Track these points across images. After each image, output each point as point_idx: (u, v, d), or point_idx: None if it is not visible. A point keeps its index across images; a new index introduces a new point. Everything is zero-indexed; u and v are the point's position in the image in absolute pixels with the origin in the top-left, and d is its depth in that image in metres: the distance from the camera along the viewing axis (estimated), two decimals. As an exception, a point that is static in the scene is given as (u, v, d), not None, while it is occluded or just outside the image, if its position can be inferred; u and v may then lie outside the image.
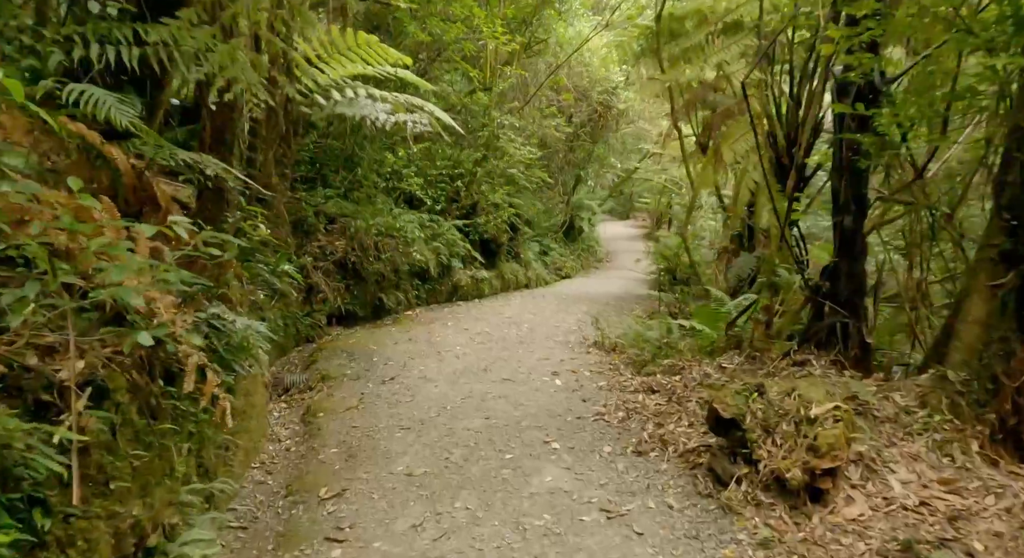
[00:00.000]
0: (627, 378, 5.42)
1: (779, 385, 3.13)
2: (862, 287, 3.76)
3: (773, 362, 4.26)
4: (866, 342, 3.75)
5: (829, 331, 3.82)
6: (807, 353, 3.87)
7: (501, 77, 9.88)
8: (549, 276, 12.28)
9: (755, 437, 2.93)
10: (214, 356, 3.16)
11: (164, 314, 2.62)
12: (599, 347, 6.81)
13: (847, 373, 3.59)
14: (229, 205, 4.31)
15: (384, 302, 8.39)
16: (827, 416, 2.79)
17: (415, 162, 9.86)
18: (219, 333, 3.28)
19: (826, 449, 2.69)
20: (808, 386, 3.07)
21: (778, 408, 2.97)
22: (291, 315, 7.21)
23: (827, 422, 2.78)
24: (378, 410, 4.87)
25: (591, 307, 9.29)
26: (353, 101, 6.90)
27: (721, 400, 3.09)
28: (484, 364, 6.09)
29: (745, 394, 3.09)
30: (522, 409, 4.76)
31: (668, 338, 5.74)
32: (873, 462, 2.82)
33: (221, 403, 2.81)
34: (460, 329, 7.67)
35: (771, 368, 3.91)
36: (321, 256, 7.87)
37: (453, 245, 9.52)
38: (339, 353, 6.64)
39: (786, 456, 2.80)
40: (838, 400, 2.95)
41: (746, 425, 2.98)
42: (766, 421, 2.95)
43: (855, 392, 3.18)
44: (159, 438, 2.42)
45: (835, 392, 3.04)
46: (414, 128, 6.73)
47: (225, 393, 2.96)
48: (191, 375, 2.66)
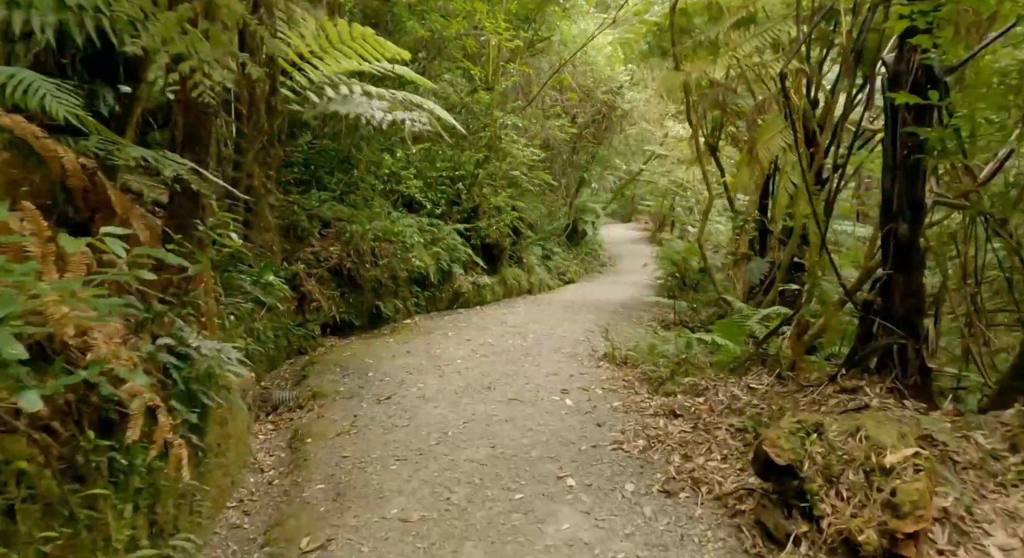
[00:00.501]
0: (644, 398, 4.90)
1: (839, 422, 2.63)
2: (920, 304, 3.27)
3: (813, 387, 3.76)
4: (927, 367, 3.26)
5: (884, 354, 3.32)
6: (857, 379, 3.37)
7: (504, 75, 9.37)
8: (552, 281, 11.77)
9: (816, 488, 2.43)
10: (174, 390, 2.65)
11: (102, 347, 2.10)
12: (610, 360, 6.30)
13: (907, 404, 3.09)
14: (205, 210, 3.79)
15: (381, 310, 7.88)
16: (906, 465, 2.29)
17: (414, 164, 9.35)
18: (183, 361, 2.77)
19: (908, 508, 2.19)
20: (875, 425, 2.57)
21: (842, 452, 2.47)
22: (282, 326, 6.70)
23: (906, 472, 2.28)
24: (372, 436, 4.35)
25: (598, 315, 8.78)
26: (348, 98, 6.39)
27: (773, 442, 2.59)
28: (488, 380, 5.58)
29: (801, 435, 2.59)
30: (531, 435, 4.25)
31: (687, 353, 5.22)
32: (962, 522, 2.32)
33: (176, 452, 2.29)
34: (461, 340, 7.15)
35: (815, 395, 3.42)
36: (315, 263, 7.36)
37: (454, 250, 9.02)
38: (332, 368, 6.12)
39: (856, 513, 2.30)
40: (912, 442, 2.44)
41: (804, 472, 2.48)
42: (828, 468, 2.45)
43: (927, 430, 2.68)
44: (88, 505, 1.91)
45: (907, 432, 2.54)
46: (412, 127, 6.22)
47: (182, 437, 2.45)
48: (137, 420, 2.14)
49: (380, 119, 6.08)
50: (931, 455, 2.43)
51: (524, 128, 10.82)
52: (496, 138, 9.76)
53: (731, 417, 4.00)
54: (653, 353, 5.78)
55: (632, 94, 12.91)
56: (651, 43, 9.90)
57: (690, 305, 8.34)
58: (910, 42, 3.31)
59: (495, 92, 9.42)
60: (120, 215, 2.92)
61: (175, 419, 2.54)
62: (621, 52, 11.01)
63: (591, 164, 13.52)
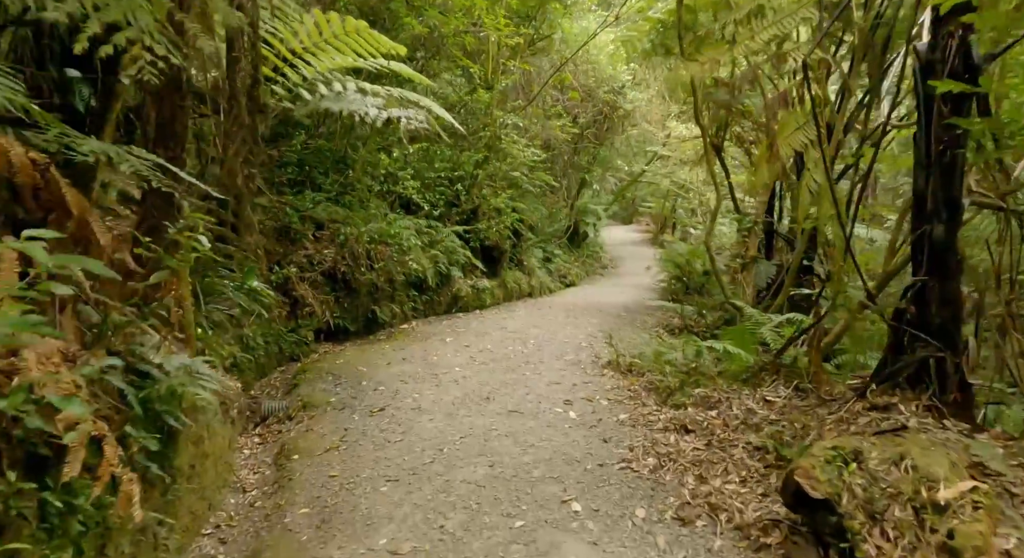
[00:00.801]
0: (651, 410, 4.59)
1: (879, 448, 2.32)
2: (958, 313, 2.96)
3: (837, 401, 3.45)
4: (967, 383, 2.95)
5: (919, 368, 3.01)
6: (889, 394, 3.06)
7: (504, 74, 9.06)
8: (553, 284, 11.46)
9: (857, 526, 2.12)
10: (131, 413, 2.34)
11: (32, 371, 1.79)
12: (614, 368, 5.98)
13: (948, 424, 2.78)
14: (180, 212, 3.49)
15: (377, 315, 7.57)
16: (963, 502, 1.99)
17: (412, 164, 9.04)
18: (143, 379, 2.45)
19: (971, 553, 1.88)
20: (920, 452, 2.26)
21: (885, 485, 2.16)
22: (273, 332, 6.39)
23: (963, 510, 1.97)
24: (362, 452, 4.04)
25: (601, 319, 8.46)
26: (341, 95, 6.09)
27: (807, 472, 2.27)
28: (487, 390, 5.26)
29: (838, 464, 2.28)
30: (533, 452, 3.93)
31: (697, 362, 4.91)
32: (1029, 568, 2.02)
33: (125, 489, 1.98)
34: (460, 346, 6.84)
35: (842, 413, 3.10)
36: (308, 266, 7.04)
37: (452, 253, 8.70)
38: (324, 376, 5.81)
39: (906, 557, 1.99)
40: (964, 472, 2.13)
41: (843, 507, 2.17)
42: (870, 502, 2.15)
43: (978, 457, 2.38)
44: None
45: (957, 460, 2.23)
46: (409, 125, 5.91)
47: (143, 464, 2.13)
48: (76, 455, 1.83)
49: (375, 117, 5.77)
50: (990, 490, 2.12)
51: (525, 128, 10.51)
52: (496, 138, 9.45)
53: (748, 433, 3.68)
54: (659, 361, 5.47)
55: (634, 94, 12.60)
56: (654, 41, 9.60)
57: (697, 310, 8.02)
58: (947, 28, 3.00)
59: (495, 91, 9.11)
60: (77, 216, 2.61)
61: (130, 448, 2.22)
62: (623, 51, 10.69)
63: (592, 165, 13.21)
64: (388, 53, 6.28)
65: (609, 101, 12.11)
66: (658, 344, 6.04)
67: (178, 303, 2.95)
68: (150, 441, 2.29)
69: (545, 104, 10.91)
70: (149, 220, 3.34)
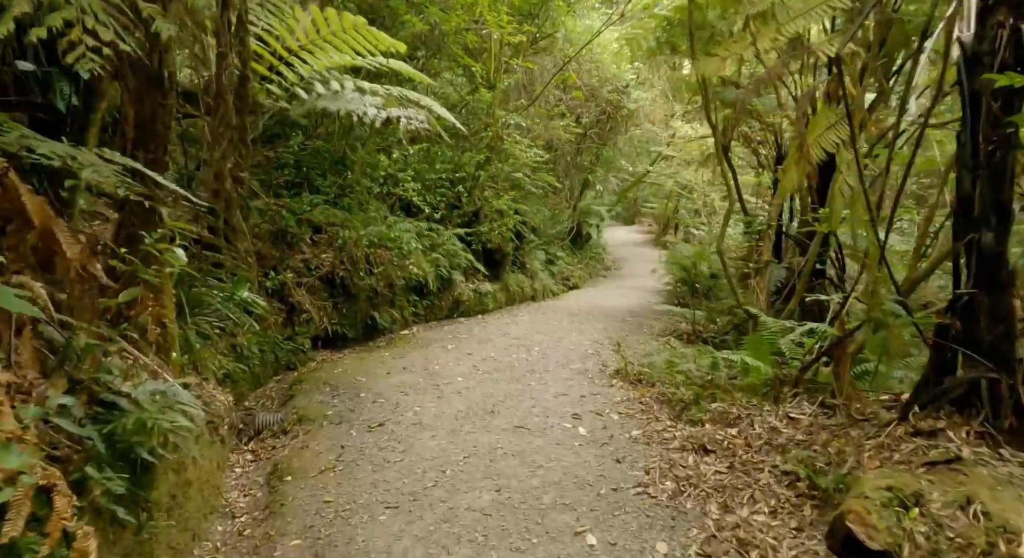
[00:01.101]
0: (666, 425, 4.30)
1: (940, 488, 2.04)
2: (1012, 330, 2.68)
3: (870, 422, 3.16)
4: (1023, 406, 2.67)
5: (968, 390, 2.73)
6: (934, 419, 2.78)
7: (506, 72, 8.77)
8: (556, 287, 11.18)
9: (921, 583, 1.84)
10: (94, 451, 2.05)
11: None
12: (623, 378, 5.70)
13: (1005, 453, 2.50)
14: (161, 220, 3.20)
15: (377, 321, 7.28)
16: (1048, 558, 1.71)
17: (412, 165, 8.75)
18: (110, 410, 2.17)
19: (1062, 623, 1.61)
20: (989, 493, 1.98)
21: (952, 534, 1.88)
22: (268, 340, 6.11)
23: (1049, 568, 1.69)
24: (360, 474, 3.75)
25: (606, 324, 8.18)
26: (338, 94, 5.80)
27: (861, 518, 1.99)
28: (491, 403, 4.98)
29: (896, 508, 2.00)
30: (542, 474, 3.64)
31: (712, 375, 4.62)
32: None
33: (80, 545, 1.69)
34: (462, 354, 6.55)
35: (884, 438, 2.82)
36: (305, 271, 6.76)
37: (454, 256, 8.42)
38: (321, 386, 5.53)
39: (981, 621, 1.71)
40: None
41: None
42: (936, 555, 1.86)
43: (1049, 498, 2.10)
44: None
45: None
46: (408, 125, 5.62)
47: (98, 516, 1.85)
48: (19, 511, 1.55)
49: (373, 116, 5.48)
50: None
51: (527, 129, 10.22)
52: (498, 138, 9.16)
53: (773, 455, 3.40)
54: (672, 371, 5.18)
55: (638, 93, 12.31)
56: (660, 39, 9.31)
57: (708, 316, 7.73)
58: (996, 18, 2.72)
59: (497, 90, 8.82)
60: (39, 226, 2.33)
61: (91, 491, 1.94)
62: (628, 49, 10.39)
63: (595, 166, 12.92)
64: (387, 51, 5.99)
65: (613, 101, 11.82)
66: (669, 353, 5.75)
67: (156, 320, 2.66)
68: (115, 483, 2.00)
69: (548, 104, 10.62)
70: (128, 229, 3.05)
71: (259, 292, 6.11)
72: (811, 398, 3.94)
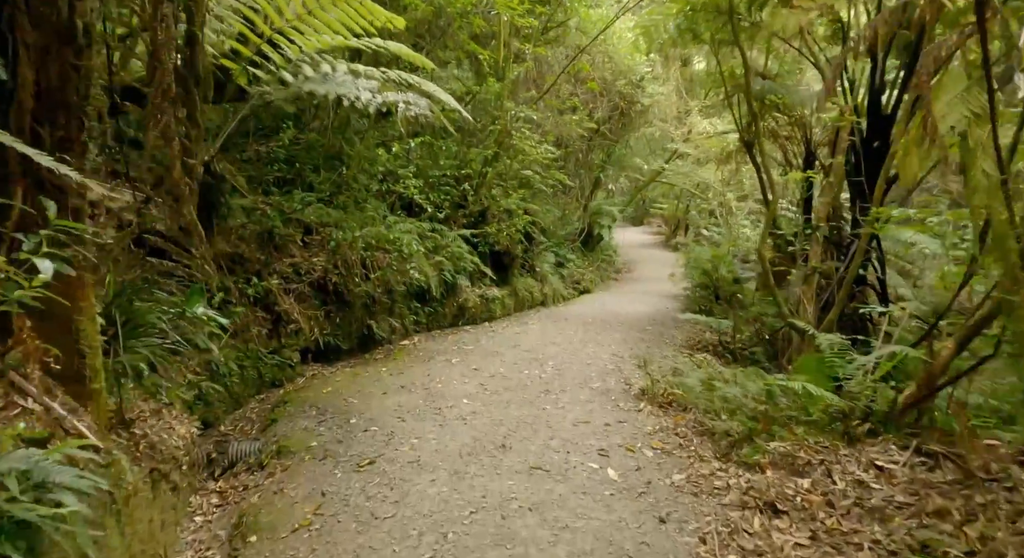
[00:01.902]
0: (713, 468, 3.49)
1: None
2: None
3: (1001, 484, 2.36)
4: None
5: None
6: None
7: (517, 61, 7.95)
8: (567, 291, 10.36)
9: None
10: None
11: None
12: (651, 399, 4.90)
13: None
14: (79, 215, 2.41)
15: (374, 331, 6.49)
16: None
17: (415, 161, 7.96)
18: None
19: None
20: None
21: None
22: (251, 354, 5.33)
23: None
24: (340, 535, 2.95)
25: (625, 334, 7.36)
26: (328, 77, 5.01)
27: None
28: (501, 433, 4.18)
29: None
30: (568, 540, 2.83)
31: (766, 404, 3.80)
32: None
33: None
34: (468, 369, 5.75)
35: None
36: (294, 276, 5.97)
37: (459, 259, 7.62)
38: (307, 409, 4.74)
39: None
40: None
41: None
42: None
43: None
44: None
45: None
46: (408, 112, 4.83)
47: None
48: None
49: (367, 101, 4.69)
50: None
51: (537, 124, 9.41)
52: (507, 133, 8.35)
53: (870, 524, 2.58)
54: (711, 394, 4.36)
55: (653, 88, 11.47)
56: (681, 26, 8.48)
57: (735, 326, 6.91)
58: None
59: (506, 81, 8.01)
60: None
61: None
62: (644, 40, 9.55)
63: (608, 163, 12.09)
64: (385, 27, 5.19)
65: (626, 95, 10.98)
66: (703, 371, 4.93)
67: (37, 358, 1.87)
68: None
69: (559, 97, 9.80)
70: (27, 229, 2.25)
71: (239, 301, 5.34)
72: (900, 441, 3.12)
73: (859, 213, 5.98)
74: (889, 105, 6.52)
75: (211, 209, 5.18)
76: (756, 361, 7.13)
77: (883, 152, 6.15)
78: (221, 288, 5.15)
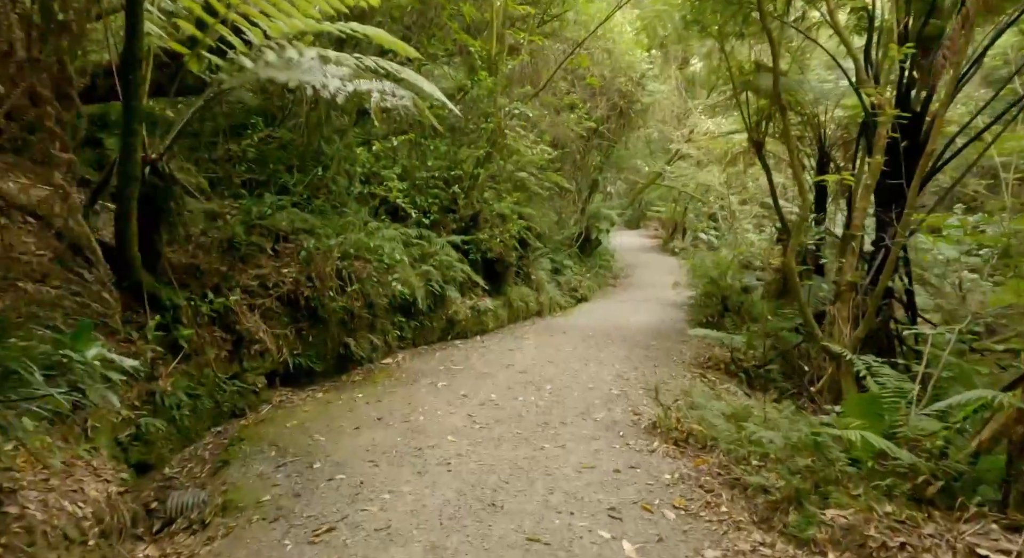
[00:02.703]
0: (755, 542, 2.74)
1: None
2: None
3: None
4: None
5: None
6: None
7: (510, 53, 7.20)
8: (564, 300, 9.61)
9: None
10: None
11: None
12: (664, 435, 4.15)
13: None
14: None
15: (351, 350, 5.72)
16: None
17: (400, 161, 7.19)
18: None
19: None
20: None
21: None
22: (207, 380, 4.56)
23: None
24: (276, 650, 2.19)
25: (629, 351, 6.62)
26: (293, 63, 4.23)
27: None
28: (491, 484, 3.42)
29: None
30: None
31: (814, 457, 3.05)
32: None
33: None
34: (455, 395, 5.00)
35: None
36: (260, 291, 5.20)
37: (448, 268, 6.87)
38: (266, 448, 3.99)
39: None
40: None
41: None
42: None
43: None
44: None
45: None
46: (383, 103, 4.07)
47: None
48: None
49: (335, 90, 3.92)
50: None
51: (533, 123, 8.66)
52: (500, 132, 7.60)
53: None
54: (741, 437, 3.62)
55: (654, 85, 10.75)
56: (687, 17, 7.77)
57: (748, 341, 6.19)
58: None
59: (499, 75, 7.25)
60: None
61: None
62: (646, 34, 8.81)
63: (606, 165, 11.35)
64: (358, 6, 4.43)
65: (626, 93, 10.25)
66: (725, 401, 4.20)
67: None
68: None
69: (556, 94, 9.04)
70: None
71: (192, 320, 4.56)
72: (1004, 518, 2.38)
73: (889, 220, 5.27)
74: (919, 101, 5.83)
75: (158, 215, 4.41)
76: (772, 380, 6.41)
77: (913, 151, 5.44)
78: (169, 306, 4.39)
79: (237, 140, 6.55)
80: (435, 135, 7.42)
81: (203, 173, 6.05)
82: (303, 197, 6.22)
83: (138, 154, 4.01)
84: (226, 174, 6.20)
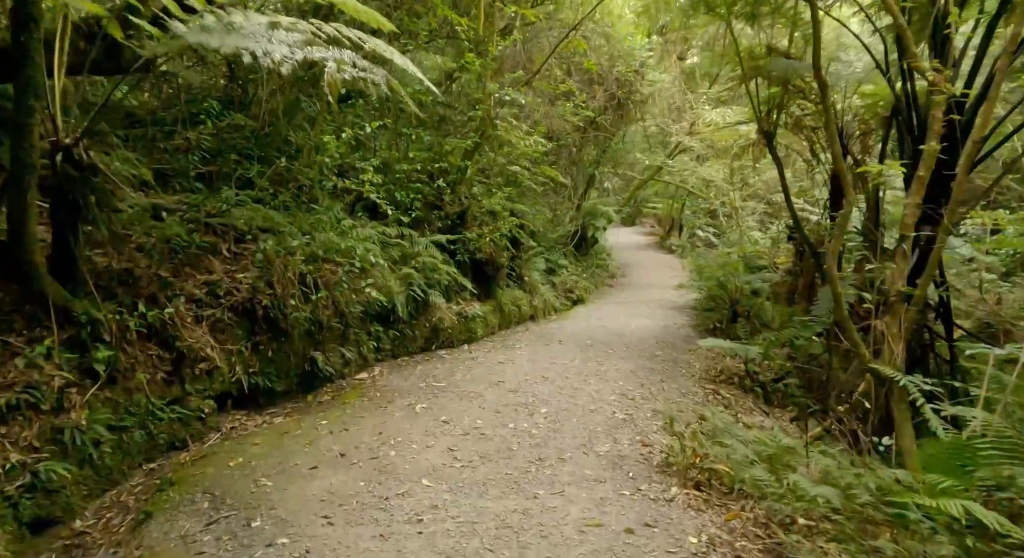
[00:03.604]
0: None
1: None
2: None
3: None
4: None
5: None
6: None
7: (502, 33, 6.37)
8: (559, 302, 8.82)
9: None
10: None
11: None
12: (681, 477, 3.38)
13: None
14: None
15: (318, 366, 4.91)
16: None
17: (379, 152, 6.36)
18: None
19: None
20: None
21: None
22: (136, 408, 3.75)
23: None
24: None
25: (634, 364, 5.84)
26: (233, 28, 3.41)
27: None
28: (472, 553, 2.64)
29: None
30: None
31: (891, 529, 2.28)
32: None
33: None
34: (434, 422, 4.20)
35: None
36: (209, 299, 4.37)
37: (432, 271, 6.06)
38: (199, 498, 3.21)
39: None
40: None
41: None
42: None
43: None
44: None
45: None
46: (339, 74, 3.26)
47: None
48: None
49: (280, 58, 3.11)
50: None
51: (527, 113, 7.84)
52: (490, 121, 6.78)
53: None
54: (778, 483, 2.86)
55: (654, 75, 9.94)
56: None
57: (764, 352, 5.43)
58: None
59: (489, 58, 6.43)
60: None
61: None
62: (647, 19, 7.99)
63: (603, 159, 10.55)
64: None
65: (625, 83, 9.43)
66: (756, 436, 3.43)
67: None
68: None
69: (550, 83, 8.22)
70: None
71: (117, 337, 3.74)
72: None
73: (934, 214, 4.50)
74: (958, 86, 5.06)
75: (74, 212, 3.59)
76: (790, 395, 5.66)
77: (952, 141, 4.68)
78: (86, 322, 3.57)
79: (196, 129, 5.71)
80: (418, 124, 6.60)
81: (155, 164, 5.21)
82: (268, 192, 5.40)
83: (34, 137, 3.19)
84: (181, 166, 5.36)
